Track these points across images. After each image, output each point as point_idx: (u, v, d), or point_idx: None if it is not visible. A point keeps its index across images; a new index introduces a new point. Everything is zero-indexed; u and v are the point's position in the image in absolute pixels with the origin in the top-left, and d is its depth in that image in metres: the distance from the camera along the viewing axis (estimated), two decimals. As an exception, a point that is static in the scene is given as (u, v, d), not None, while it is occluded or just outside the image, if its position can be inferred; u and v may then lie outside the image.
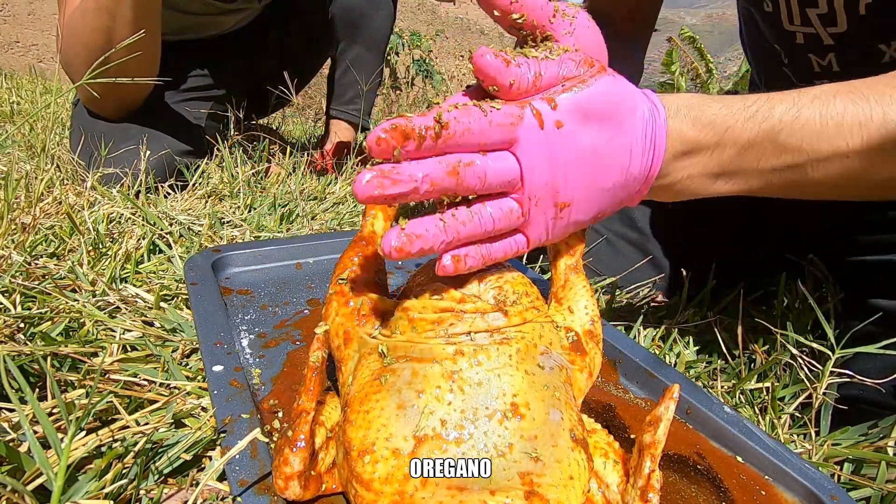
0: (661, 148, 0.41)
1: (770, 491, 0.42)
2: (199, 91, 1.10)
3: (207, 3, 1.04)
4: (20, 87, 1.93)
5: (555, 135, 0.37)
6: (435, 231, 0.35)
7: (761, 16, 0.68)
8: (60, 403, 0.36)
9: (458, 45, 7.61)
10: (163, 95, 1.00)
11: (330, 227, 0.84)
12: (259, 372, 0.46)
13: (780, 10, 0.62)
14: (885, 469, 0.46)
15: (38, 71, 3.13)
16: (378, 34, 1.29)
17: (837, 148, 0.42)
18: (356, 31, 1.26)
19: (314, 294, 0.59)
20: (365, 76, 1.30)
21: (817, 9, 0.59)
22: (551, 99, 0.37)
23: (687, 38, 10.26)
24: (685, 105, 0.43)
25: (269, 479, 0.34)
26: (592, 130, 0.38)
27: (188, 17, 1.05)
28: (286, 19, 1.25)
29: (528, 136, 0.37)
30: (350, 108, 1.34)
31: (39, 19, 4.98)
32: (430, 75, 6.11)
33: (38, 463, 0.33)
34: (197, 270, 0.56)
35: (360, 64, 1.28)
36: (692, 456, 0.44)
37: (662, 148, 0.41)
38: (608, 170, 0.40)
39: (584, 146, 0.38)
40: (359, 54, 1.28)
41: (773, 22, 0.65)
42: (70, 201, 0.74)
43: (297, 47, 1.29)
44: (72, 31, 0.81)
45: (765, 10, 0.65)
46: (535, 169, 0.37)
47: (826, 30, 0.60)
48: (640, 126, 0.40)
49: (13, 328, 0.47)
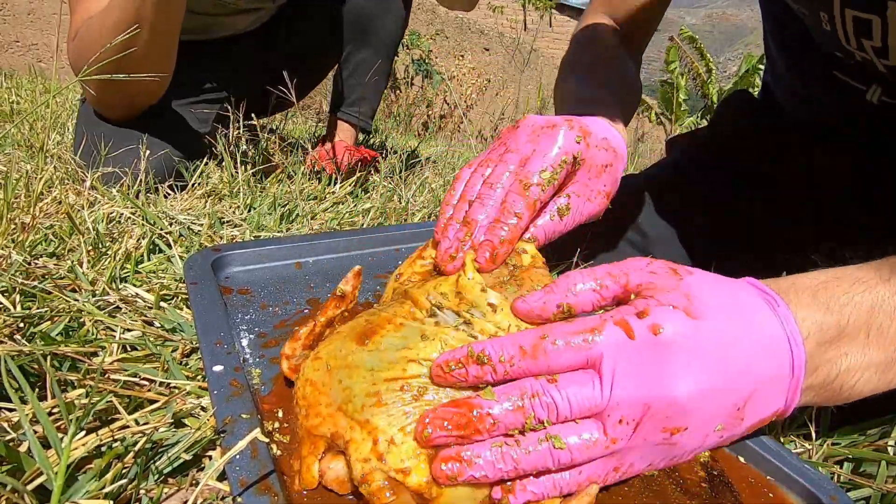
0: (798, 338, 0.34)
1: (776, 492, 0.42)
2: (207, 93, 1.09)
3: (220, 4, 1.03)
4: (20, 87, 1.93)
5: (651, 342, 0.32)
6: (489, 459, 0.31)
7: (819, 32, 0.65)
8: (60, 403, 0.36)
9: (457, 45, 7.61)
10: (168, 97, 1.00)
11: (330, 226, 0.84)
12: (259, 372, 0.46)
13: (836, 33, 0.61)
14: (884, 468, 0.46)
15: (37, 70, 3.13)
16: (388, 38, 1.28)
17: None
18: (365, 35, 1.25)
19: (314, 294, 0.59)
20: (371, 80, 1.30)
21: (872, 41, 0.58)
22: (639, 305, 0.33)
23: (687, 38, 10.27)
24: (804, 288, 0.37)
25: (270, 479, 0.34)
26: (705, 330, 0.32)
27: (200, 17, 1.04)
28: (297, 21, 1.24)
29: (612, 349, 0.32)
30: (353, 110, 1.34)
31: (39, 19, 4.98)
32: (429, 75, 6.11)
33: (38, 463, 0.33)
34: (197, 270, 0.56)
35: (368, 67, 1.28)
36: (706, 459, 0.44)
37: (799, 338, 0.34)
38: (731, 379, 0.33)
39: (695, 350, 0.32)
40: (367, 57, 1.28)
41: (831, 39, 0.64)
42: (70, 201, 0.73)
43: (308, 50, 1.28)
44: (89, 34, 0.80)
45: (823, 28, 0.63)
46: (626, 386, 0.31)
47: (880, 61, 0.59)
48: (761, 317, 0.34)
49: (13, 328, 0.47)
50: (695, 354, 0.32)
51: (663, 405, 0.31)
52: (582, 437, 0.32)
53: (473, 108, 7.08)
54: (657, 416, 0.32)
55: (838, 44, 0.62)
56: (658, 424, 0.32)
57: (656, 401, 0.31)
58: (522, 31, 8.75)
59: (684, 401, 0.32)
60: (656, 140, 9.25)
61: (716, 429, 0.33)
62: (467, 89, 6.99)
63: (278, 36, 1.23)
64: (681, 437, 0.33)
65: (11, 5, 4.84)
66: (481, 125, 6.83)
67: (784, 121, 0.82)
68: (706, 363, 0.32)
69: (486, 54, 7.99)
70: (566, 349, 0.32)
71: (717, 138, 0.88)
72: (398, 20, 1.27)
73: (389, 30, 1.27)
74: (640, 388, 0.31)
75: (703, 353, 0.32)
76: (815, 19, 0.63)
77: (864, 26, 0.57)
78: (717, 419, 0.33)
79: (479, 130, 6.48)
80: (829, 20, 0.60)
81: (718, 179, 0.82)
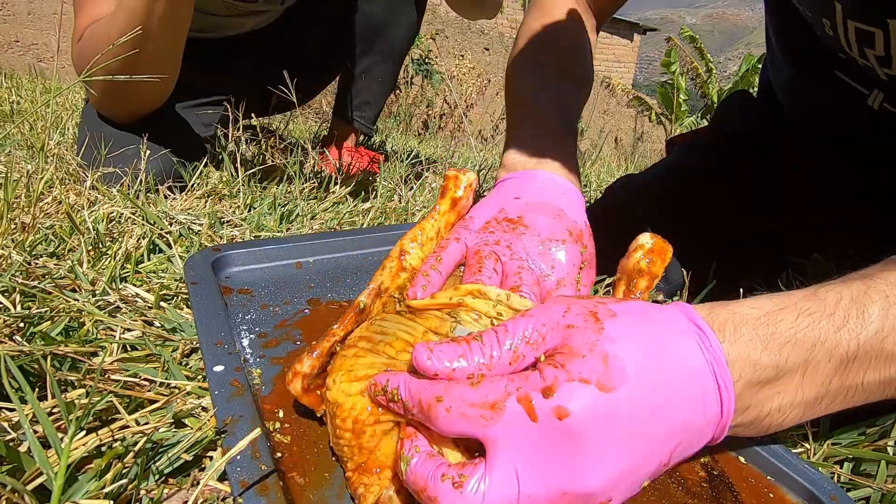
0: (728, 383, 0.33)
1: (777, 493, 0.42)
2: (210, 95, 1.09)
3: (228, 4, 1.03)
4: (20, 87, 1.93)
5: (556, 428, 0.29)
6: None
7: (821, 35, 0.65)
8: (60, 403, 0.36)
9: (457, 45, 7.61)
10: (173, 98, 1.00)
11: (330, 226, 0.84)
12: (259, 372, 0.46)
13: (839, 40, 0.61)
14: (884, 468, 0.46)
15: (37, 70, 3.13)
16: (397, 45, 1.27)
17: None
18: (374, 40, 1.24)
19: (314, 294, 0.59)
20: (377, 85, 1.30)
21: (874, 50, 0.58)
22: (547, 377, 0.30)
23: (687, 38, 10.27)
24: (743, 321, 0.34)
25: (270, 479, 0.34)
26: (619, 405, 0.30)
27: (207, 17, 1.04)
28: (306, 24, 1.23)
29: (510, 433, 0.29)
30: (356, 114, 1.34)
31: (39, 18, 4.98)
32: (429, 75, 6.11)
33: (38, 463, 0.33)
34: (197, 270, 0.56)
35: (374, 73, 1.27)
36: (706, 459, 0.45)
37: (729, 382, 0.33)
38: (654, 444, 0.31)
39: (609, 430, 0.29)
40: (373, 63, 1.27)
41: (833, 43, 0.64)
42: (70, 201, 0.73)
43: (316, 53, 1.27)
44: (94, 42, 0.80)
45: (826, 32, 0.63)
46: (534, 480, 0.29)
47: (882, 69, 0.59)
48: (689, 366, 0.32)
49: (13, 328, 0.47)
50: (608, 437, 0.29)
51: (584, 490, 0.29)
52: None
53: (473, 108, 7.08)
54: (579, 499, 0.30)
55: (840, 48, 0.62)
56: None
57: (574, 488, 0.29)
58: (522, 31, 8.72)
59: (601, 488, 0.30)
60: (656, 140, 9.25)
61: (643, 485, 0.32)
62: (467, 89, 6.99)
63: (286, 38, 1.22)
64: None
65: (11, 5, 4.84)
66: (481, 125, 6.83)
67: (785, 121, 0.82)
68: (623, 444, 0.30)
69: (486, 54, 7.99)
70: (459, 420, 0.30)
71: (717, 138, 0.88)
72: (409, 28, 1.26)
73: (399, 37, 1.26)
74: (554, 481, 0.29)
75: (617, 433, 0.30)
76: (819, 24, 0.63)
77: (867, 37, 0.57)
78: (643, 480, 0.32)
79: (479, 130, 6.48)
80: (832, 27, 0.60)
81: (718, 179, 0.82)
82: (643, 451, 0.30)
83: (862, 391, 0.36)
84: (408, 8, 1.23)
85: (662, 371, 0.31)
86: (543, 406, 0.29)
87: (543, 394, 0.29)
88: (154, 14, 0.74)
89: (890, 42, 0.55)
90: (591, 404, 0.29)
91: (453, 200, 0.51)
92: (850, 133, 0.72)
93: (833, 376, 0.35)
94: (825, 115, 0.75)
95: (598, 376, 0.30)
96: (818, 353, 0.34)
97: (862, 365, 0.35)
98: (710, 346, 0.33)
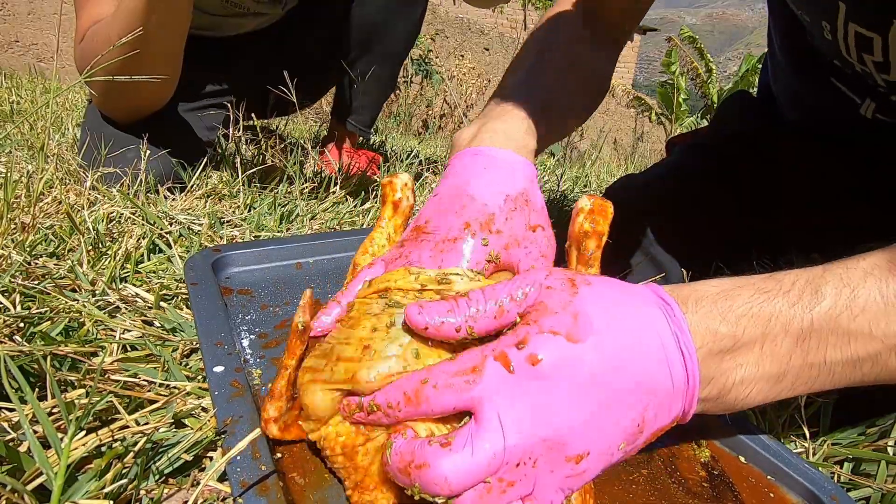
0: (691, 349, 0.34)
1: (777, 492, 0.42)
2: (211, 96, 1.09)
3: (226, 4, 1.03)
4: (20, 87, 1.93)
5: (530, 374, 0.31)
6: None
7: (820, 40, 0.65)
8: (60, 403, 0.36)
9: (457, 45, 7.61)
10: (175, 99, 1.00)
11: (330, 227, 0.84)
12: (259, 372, 0.46)
13: (838, 44, 0.61)
14: (884, 468, 0.46)
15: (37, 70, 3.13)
16: (396, 48, 1.27)
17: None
18: (372, 43, 1.24)
19: (314, 294, 0.59)
20: (375, 87, 1.29)
21: (872, 56, 0.58)
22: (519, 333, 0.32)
23: (687, 38, 10.27)
24: (704, 297, 0.36)
25: (270, 480, 0.34)
26: (587, 354, 0.32)
27: (206, 16, 1.04)
28: (307, 24, 1.23)
29: (493, 391, 0.31)
30: (354, 116, 1.34)
31: (39, 18, 4.98)
32: (429, 75, 6.12)
33: (38, 463, 0.33)
34: (197, 270, 0.56)
35: (374, 75, 1.27)
36: (707, 459, 0.45)
37: (692, 348, 0.34)
38: (623, 397, 0.32)
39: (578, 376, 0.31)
40: (373, 66, 1.27)
41: (831, 47, 0.63)
42: (70, 201, 0.73)
43: (316, 53, 1.27)
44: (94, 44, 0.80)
45: (824, 37, 0.62)
46: (514, 428, 0.30)
47: (880, 75, 0.59)
48: (654, 329, 0.34)
49: (13, 328, 0.47)
50: (577, 384, 0.31)
51: (559, 436, 0.31)
52: (477, 490, 0.30)
53: (473, 108, 7.08)
54: (557, 447, 0.31)
55: (838, 53, 0.62)
56: (560, 454, 0.31)
57: (550, 434, 0.31)
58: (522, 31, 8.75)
59: (579, 428, 0.31)
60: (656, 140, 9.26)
61: (619, 447, 0.33)
62: (467, 89, 6.99)
63: (286, 38, 1.22)
64: (587, 464, 0.32)
65: (11, 5, 4.84)
66: (481, 125, 6.80)
67: (784, 121, 0.82)
68: (591, 387, 0.31)
69: (486, 54, 7.99)
70: (447, 392, 0.32)
71: (717, 138, 0.88)
72: (408, 29, 1.26)
73: (398, 39, 1.26)
74: (532, 426, 0.30)
75: (586, 380, 0.31)
76: (818, 28, 0.63)
77: (866, 42, 0.57)
78: (620, 437, 0.32)
79: (479, 130, 6.44)
80: (832, 31, 0.60)
81: (718, 179, 0.82)
82: (612, 403, 0.32)
83: (827, 371, 0.37)
84: (408, 8, 1.23)
85: (629, 331, 0.33)
86: (517, 357, 0.31)
87: (517, 347, 0.32)
88: (153, 14, 0.74)
89: (888, 48, 0.55)
90: (560, 351, 0.32)
91: (394, 204, 0.51)
92: (848, 133, 0.72)
93: (792, 352, 0.36)
94: (824, 115, 0.75)
95: (567, 329, 0.32)
96: (774, 327, 0.35)
97: (820, 341, 0.36)
98: (673, 315, 0.35)
